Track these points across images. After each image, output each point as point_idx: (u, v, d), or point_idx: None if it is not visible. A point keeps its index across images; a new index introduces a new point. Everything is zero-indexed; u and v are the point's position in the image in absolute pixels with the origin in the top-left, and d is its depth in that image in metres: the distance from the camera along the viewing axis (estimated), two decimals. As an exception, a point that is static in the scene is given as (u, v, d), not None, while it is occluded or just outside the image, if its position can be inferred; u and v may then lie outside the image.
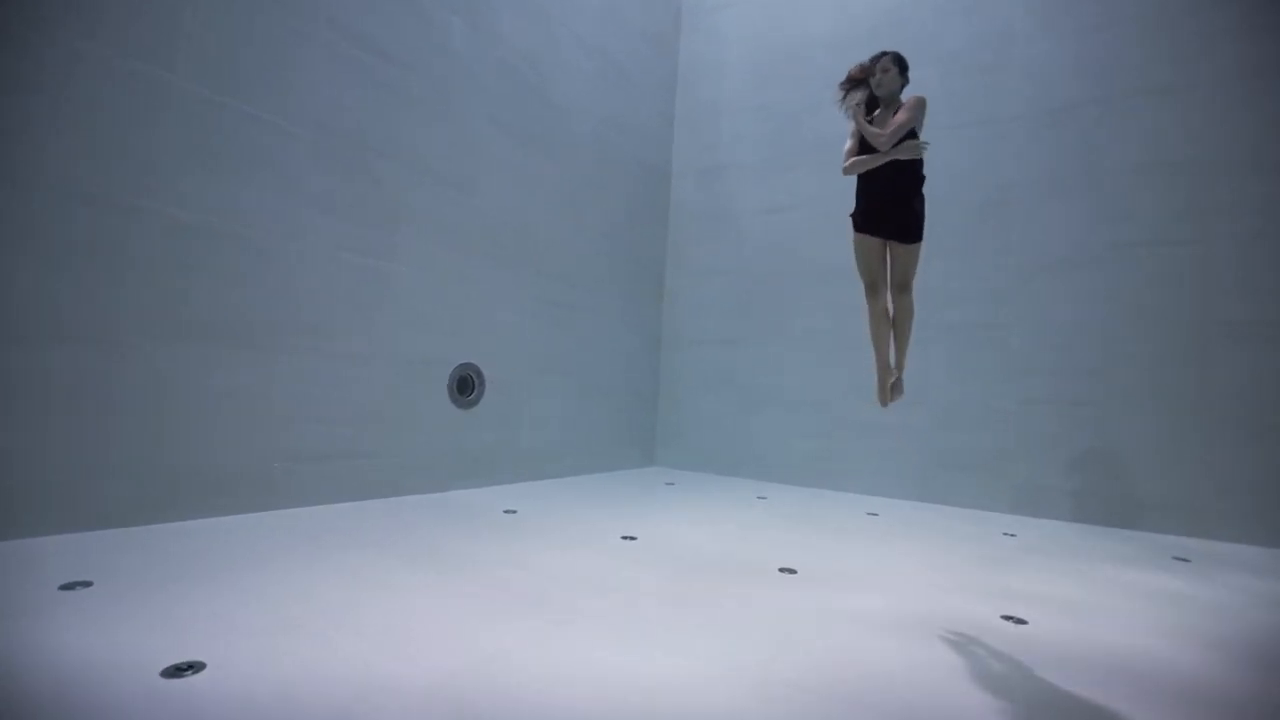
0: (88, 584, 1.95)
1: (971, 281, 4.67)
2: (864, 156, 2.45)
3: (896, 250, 2.53)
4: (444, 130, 3.94)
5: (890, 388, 2.63)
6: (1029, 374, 4.44)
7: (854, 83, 2.52)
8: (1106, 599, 2.48)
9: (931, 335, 4.69)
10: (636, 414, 5.90)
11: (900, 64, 2.48)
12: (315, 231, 3.26)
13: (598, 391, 5.38)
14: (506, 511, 3.51)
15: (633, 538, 3.05)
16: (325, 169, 3.30)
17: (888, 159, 2.38)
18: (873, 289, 2.62)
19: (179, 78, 2.72)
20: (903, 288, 2.54)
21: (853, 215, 2.57)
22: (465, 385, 4.17)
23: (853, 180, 2.56)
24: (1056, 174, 4.45)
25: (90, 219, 2.49)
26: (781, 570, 2.61)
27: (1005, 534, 3.70)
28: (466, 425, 4.15)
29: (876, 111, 2.52)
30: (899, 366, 2.64)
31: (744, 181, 5.83)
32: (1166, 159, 4.12)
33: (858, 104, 2.47)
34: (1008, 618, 2.17)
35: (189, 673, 1.44)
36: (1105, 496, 4.13)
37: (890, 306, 2.59)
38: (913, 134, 2.39)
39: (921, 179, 2.47)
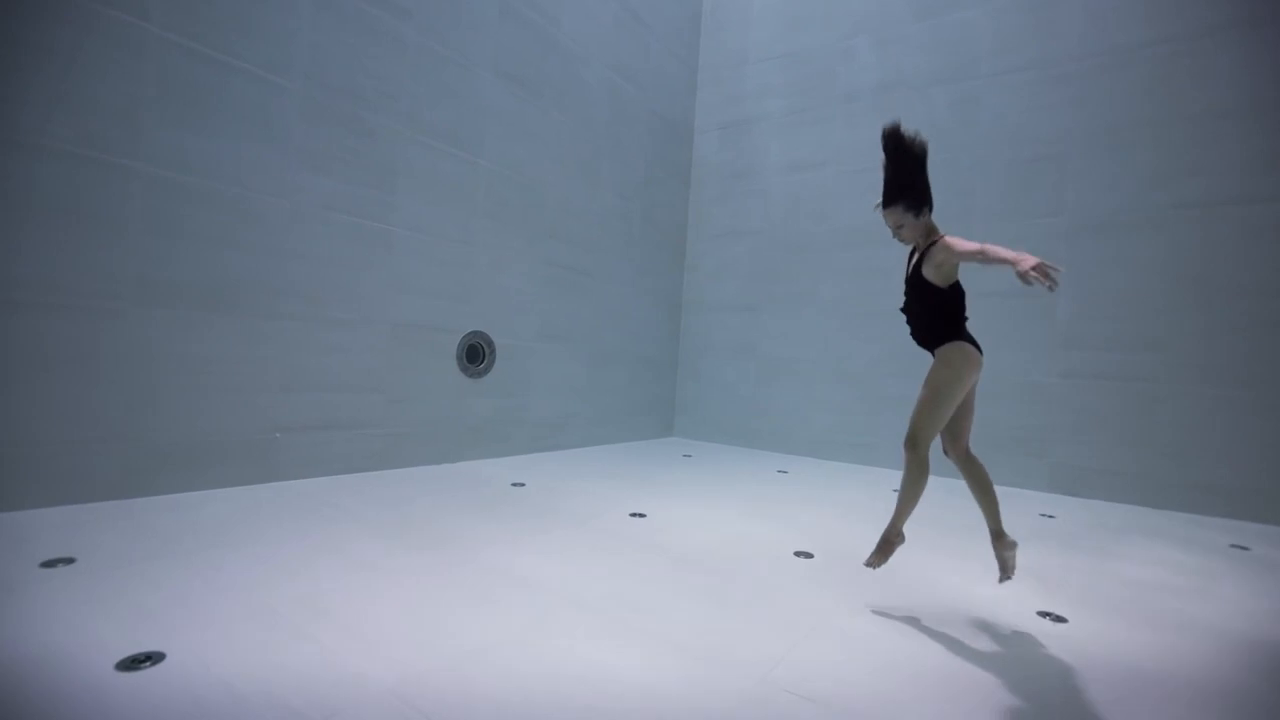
0: (70, 561, 1.90)
1: (1011, 244, 4.29)
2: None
3: None
4: (442, 81, 3.71)
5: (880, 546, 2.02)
6: (1073, 347, 4.11)
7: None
8: (1155, 591, 2.25)
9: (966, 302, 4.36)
10: (655, 383, 5.73)
11: (909, 202, 1.89)
12: (305, 190, 3.10)
13: (614, 360, 5.21)
14: (514, 484, 3.41)
15: (642, 515, 2.91)
16: (314, 123, 3.11)
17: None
18: None
19: (154, 25, 2.55)
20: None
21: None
22: (475, 354, 4.04)
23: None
24: (1118, 124, 4.01)
25: (64, 176, 2.37)
26: (797, 554, 2.45)
27: (1043, 515, 3.46)
28: (476, 395, 4.04)
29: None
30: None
31: (770, 136, 5.48)
32: (1246, 106, 3.66)
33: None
34: (1045, 614, 1.97)
35: (146, 665, 1.35)
36: (1156, 477, 3.84)
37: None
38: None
39: (938, 293, 1.93)
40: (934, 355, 1.95)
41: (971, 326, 2.03)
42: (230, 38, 2.78)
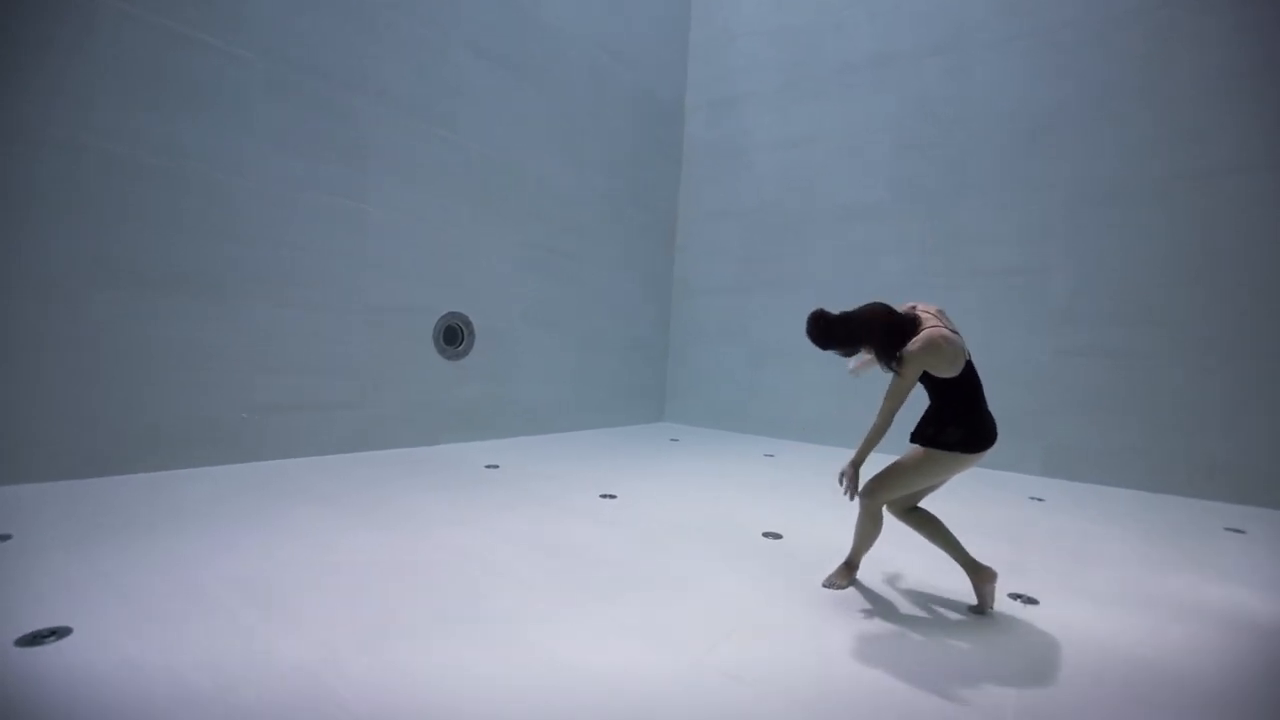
0: (6, 538, 1.85)
1: (1007, 219, 4.16)
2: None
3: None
4: (415, 57, 3.62)
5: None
6: (1068, 323, 3.97)
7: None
8: (1137, 576, 2.15)
9: (959, 281, 4.24)
10: (644, 367, 5.64)
11: (845, 349, 2.01)
12: (270, 169, 3.03)
13: (602, 343, 5.13)
14: (488, 466, 3.35)
15: (612, 496, 2.84)
16: (280, 101, 3.04)
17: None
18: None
19: (105, -5, 2.48)
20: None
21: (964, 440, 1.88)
22: (452, 335, 3.98)
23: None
24: (1114, 92, 3.84)
25: (19, 156, 2.31)
26: (765, 535, 2.37)
27: (1032, 498, 3.35)
28: (455, 378, 3.97)
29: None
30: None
31: (761, 113, 5.34)
32: (1247, 72, 3.48)
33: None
34: (1016, 596, 1.88)
35: (49, 640, 1.30)
36: (1153, 459, 3.70)
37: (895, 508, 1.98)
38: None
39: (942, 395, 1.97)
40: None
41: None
42: (188, 10, 2.70)
